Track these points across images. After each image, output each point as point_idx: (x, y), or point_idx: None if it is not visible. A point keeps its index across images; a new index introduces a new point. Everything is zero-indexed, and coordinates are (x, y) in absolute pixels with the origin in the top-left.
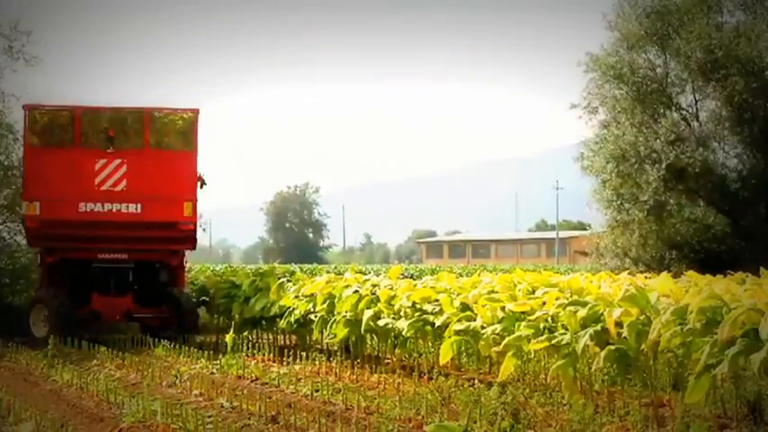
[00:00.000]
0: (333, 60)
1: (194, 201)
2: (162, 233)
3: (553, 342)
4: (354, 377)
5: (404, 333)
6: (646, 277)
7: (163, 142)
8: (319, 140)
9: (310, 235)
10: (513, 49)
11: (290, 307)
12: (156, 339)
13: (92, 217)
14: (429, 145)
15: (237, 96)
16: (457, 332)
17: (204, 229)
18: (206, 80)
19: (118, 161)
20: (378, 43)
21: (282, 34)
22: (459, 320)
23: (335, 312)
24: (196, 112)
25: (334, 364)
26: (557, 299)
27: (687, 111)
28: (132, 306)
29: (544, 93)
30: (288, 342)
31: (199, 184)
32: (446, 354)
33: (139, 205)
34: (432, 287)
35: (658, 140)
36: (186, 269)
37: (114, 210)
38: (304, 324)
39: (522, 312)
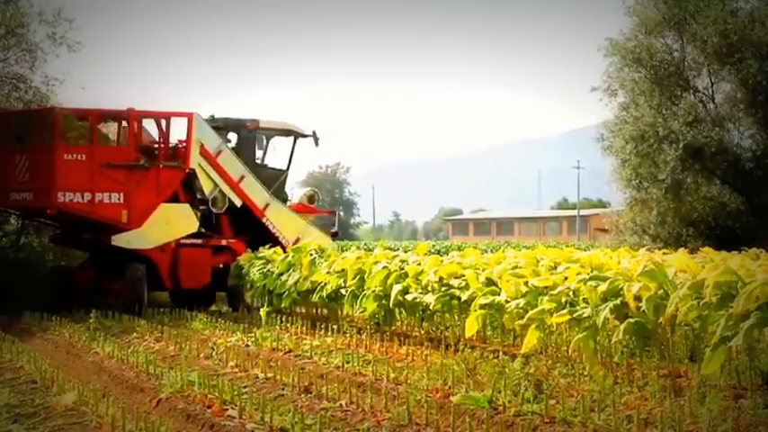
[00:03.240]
0: (364, 45)
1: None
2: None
3: (574, 315)
4: (383, 349)
5: (431, 307)
6: (664, 253)
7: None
8: (352, 123)
9: (341, 213)
10: (536, 35)
11: (321, 282)
12: (194, 313)
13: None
14: (454, 126)
15: (269, 85)
16: (482, 306)
17: None
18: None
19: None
20: (409, 26)
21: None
22: (484, 295)
23: (365, 287)
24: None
25: (364, 337)
26: (578, 274)
27: (703, 93)
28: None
29: (565, 76)
30: (320, 315)
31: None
32: (471, 327)
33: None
34: (458, 263)
35: (676, 122)
36: None
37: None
38: (335, 298)
39: (545, 287)
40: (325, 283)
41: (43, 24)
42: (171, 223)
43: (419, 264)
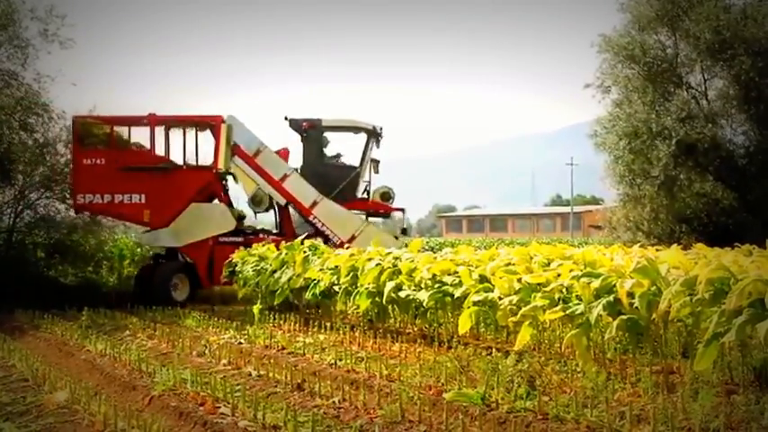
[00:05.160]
0: (360, 46)
1: None
2: None
3: (567, 312)
4: (377, 346)
5: (424, 304)
6: (657, 250)
7: None
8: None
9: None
10: (530, 33)
11: (314, 279)
12: (187, 311)
13: None
14: (448, 123)
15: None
16: (475, 303)
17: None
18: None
19: None
20: (406, 26)
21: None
22: (477, 292)
23: (358, 284)
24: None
25: (357, 334)
26: (571, 271)
27: (696, 89)
28: None
29: (559, 73)
30: (313, 313)
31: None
32: (465, 324)
33: None
34: (451, 260)
35: (669, 118)
36: None
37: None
38: (328, 296)
39: (538, 284)
40: (319, 281)
41: (35, 21)
42: (203, 222)
43: (412, 261)
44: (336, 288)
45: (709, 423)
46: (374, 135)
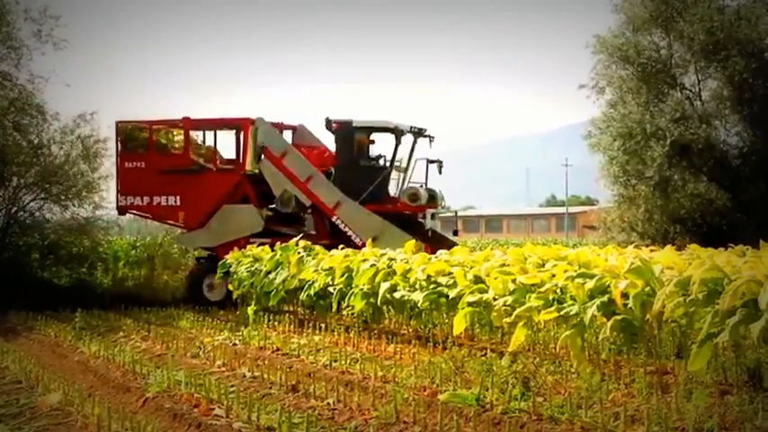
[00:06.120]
0: (357, 46)
1: None
2: None
3: (562, 313)
4: (371, 348)
5: (419, 305)
6: (651, 250)
7: None
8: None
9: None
10: (525, 33)
11: (309, 280)
12: (181, 312)
13: None
14: (444, 124)
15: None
16: (470, 304)
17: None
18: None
19: None
20: (403, 27)
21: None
22: (472, 292)
23: (353, 285)
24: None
25: (351, 335)
26: (565, 271)
27: (690, 90)
28: None
29: (554, 73)
30: (307, 314)
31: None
32: (459, 324)
33: None
34: (446, 261)
35: (663, 119)
36: None
37: None
38: (323, 297)
39: (533, 284)
40: (313, 282)
41: (29, 22)
42: (234, 223)
43: (407, 261)
44: (331, 289)
45: (703, 423)
46: (417, 135)
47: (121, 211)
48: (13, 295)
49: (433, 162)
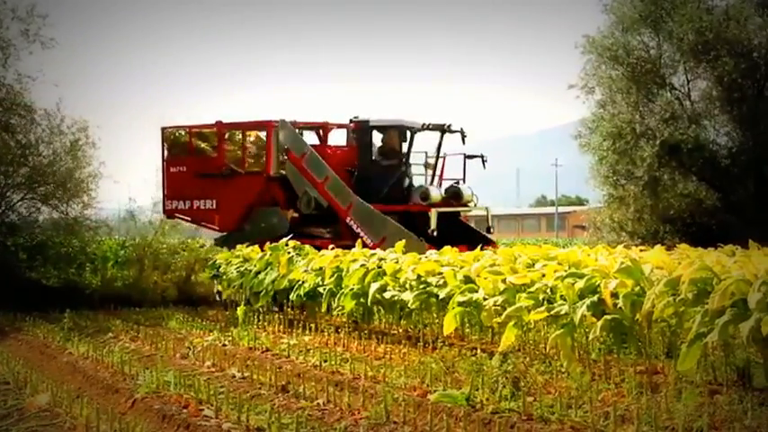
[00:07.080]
0: (354, 46)
1: None
2: None
3: (552, 312)
4: (361, 348)
5: (409, 305)
6: (641, 250)
7: None
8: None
9: None
10: (514, 33)
11: (299, 280)
12: (170, 312)
13: None
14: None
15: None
16: (460, 304)
17: None
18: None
19: None
20: (398, 26)
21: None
22: (462, 292)
23: (343, 285)
24: None
25: (342, 336)
26: (555, 271)
27: (680, 90)
28: None
29: (543, 74)
30: (297, 314)
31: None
32: (450, 325)
33: None
34: (436, 261)
35: (653, 119)
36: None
37: None
38: (313, 297)
39: (523, 284)
40: (303, 282)
41: (16, 21)
42: (263, 226)
43: (397, 262)
44: (321, 289)
45: (693, 423)
46: (442, 131)
47: (169, 215)
48: (0, 296)
49: (471, 157)
